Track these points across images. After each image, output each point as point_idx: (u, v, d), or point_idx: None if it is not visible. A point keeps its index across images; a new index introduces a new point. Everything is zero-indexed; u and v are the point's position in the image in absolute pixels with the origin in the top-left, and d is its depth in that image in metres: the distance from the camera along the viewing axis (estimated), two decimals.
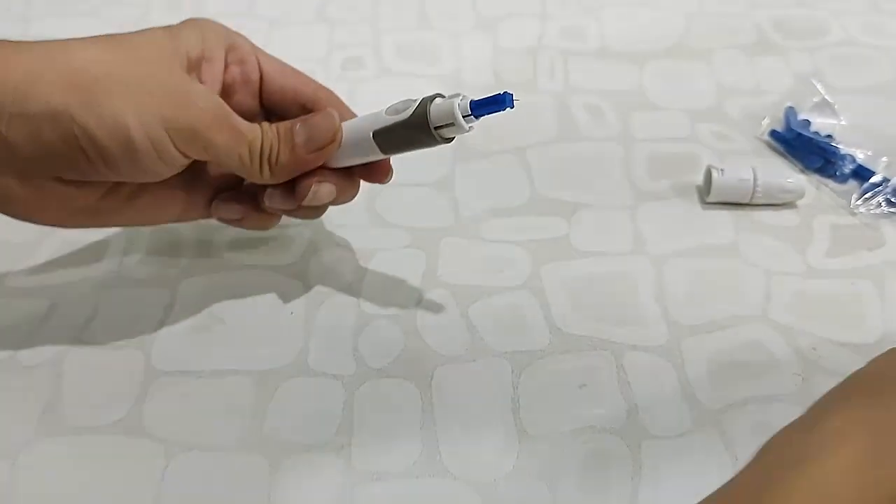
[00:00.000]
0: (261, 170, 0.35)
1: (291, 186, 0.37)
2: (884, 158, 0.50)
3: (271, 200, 0.38)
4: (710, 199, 0.48)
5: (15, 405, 0.39)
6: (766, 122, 0.53)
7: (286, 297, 0.44)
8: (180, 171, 0.34)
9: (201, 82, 0.36)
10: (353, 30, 0.63)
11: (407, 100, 0.34)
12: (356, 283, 0.44)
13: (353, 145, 0.36)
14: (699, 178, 0.50)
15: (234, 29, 0.39)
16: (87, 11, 0.65)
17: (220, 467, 0.37)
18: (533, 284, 0.44)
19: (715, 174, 0.47)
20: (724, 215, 0.48)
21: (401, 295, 0.43)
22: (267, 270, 0.45)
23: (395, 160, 0.38)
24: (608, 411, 0.38)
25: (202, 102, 0.32)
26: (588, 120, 0.55)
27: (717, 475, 0.36)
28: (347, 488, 0.36)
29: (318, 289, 0.44)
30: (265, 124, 0.35)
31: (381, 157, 0.36)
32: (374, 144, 0.35)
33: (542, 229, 0.47)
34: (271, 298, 0.44)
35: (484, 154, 0.52)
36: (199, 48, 0.36)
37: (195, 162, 0.35)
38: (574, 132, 0.54)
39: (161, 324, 0.42)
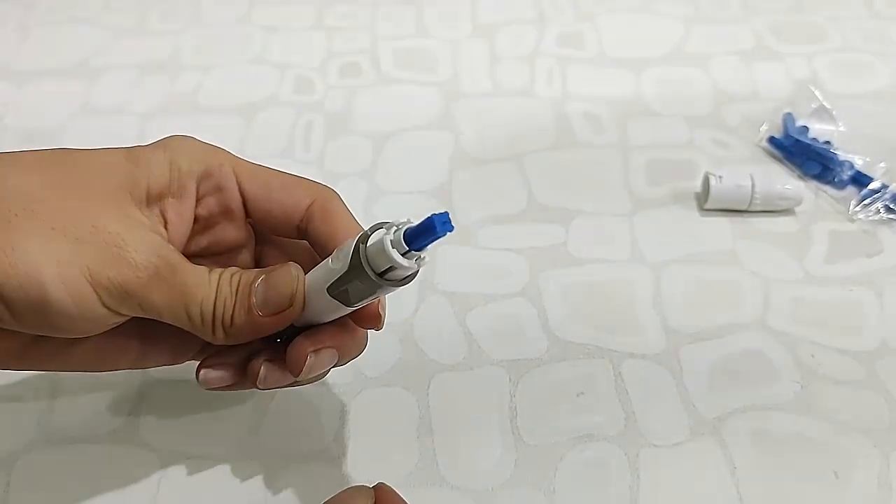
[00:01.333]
0: (213, 332, 0.29)
1: (282, 356, 0.31)
2: (882, 164, 0.50)
3: (265, 383, 0.32)
4: (709, 205, 0.48)
5: (10, 415, 0.39)
6: (764, 128, 0.53)
7: None
8: (117, 325, 0.29)
9: (165, 220, 0.30)
10: (352, 37, 0.63)
11: (349, 241, 0.28)
12: None
13: (317, 303, 0.30)
14: (697, 185, 0.50)
15: (233, 37, 0.35)
16: (87, 18, 0.65)
17: (216, 476, 0.37)
18: (530, 292, 0.44)
19: (713, 181, 0.47)
20: (723, 222, 0.48)
21: (398, 303, 0.43)
22: None
23: (391, 169, 0.37)
24: (606, 419, 0.38)
25: (140, 255, 0.27)
26: (586, 127, 0.55)
27: (716, 483, 0.36)
28: None
29: None
30: (225, 276, 0.30)
31: (352, 310, 0.30)
32: (335, 301, 0.29)
33: (539, 237, 0.47)
34: None
35: (481, 161, 0.52)
36: (164, 180, 0.30)
37: None
38: (572, 139, 0.54)
39: None
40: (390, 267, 0.26)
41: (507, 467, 0.37)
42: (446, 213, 0.26)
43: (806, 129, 0.53)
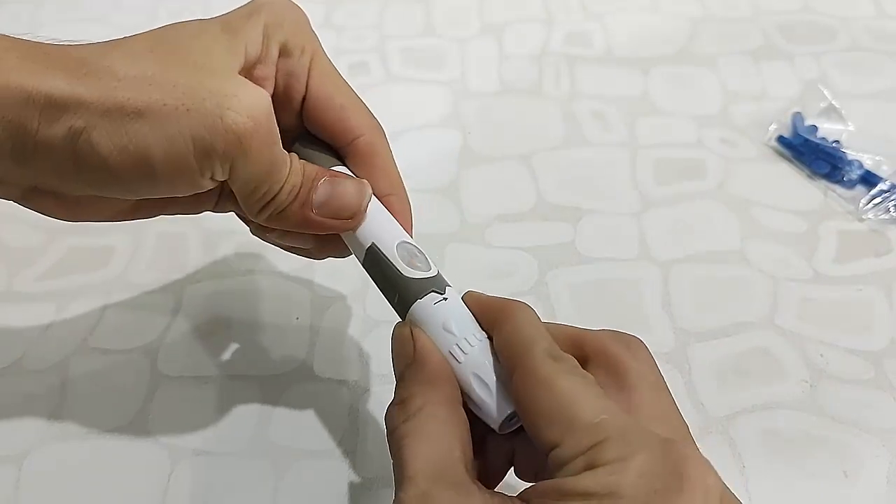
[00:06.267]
0: (262, 210, 0.30)
1: None
2: (891, 164, 0.50)
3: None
4: None
5: (21, 410, 0.39)
6: (772, 127, 0.53)
7: (292, 303, 0.44)
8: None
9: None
10: (360, 35, 0.63)
11: (424, 258, 0.31)
12: (362, 288, 0.44)
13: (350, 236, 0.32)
14: (705, 184, 0.50)
15: None
16: (96, 17, 0.65)
17: (226, 472, 0.37)
18: (539, 290, 0.44)
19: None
20: (732, 221, 0.48)
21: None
22: (272, 276, 0.45)
23: (399, 167, 0.37)
24: None
25: (247, 121, 0.27)
26: (594, 126, 0.55)
27: (725, 482, 0.36)
28: (353, 494, 0.36)
29: (324, 294, 0.44)
30: (296, 161, 0.30)
31: (352, 256, 0.32)
32: (363, 251, 0.31)
33: (548, 235, 0.47)
34: (277, 304, 0.44)
35: (490, 160, 0.52)
36: (258, 48, 0.31)
37: None
38: (580, 138, 0.54)
39: (167, 329, 0.42)
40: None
41: None
42: None
43: (815, 128, 0.53)
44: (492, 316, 0.29)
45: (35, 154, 0.27)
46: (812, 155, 0.51)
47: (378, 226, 0.31)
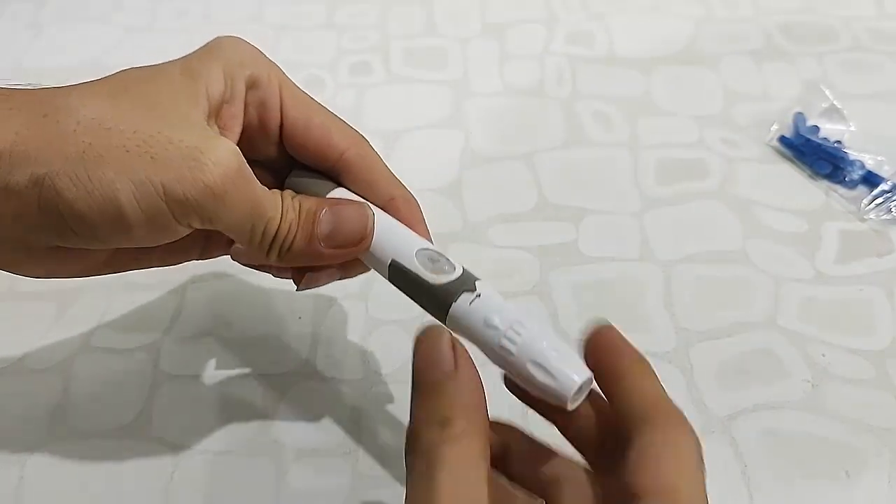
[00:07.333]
0: (269, 252, 0.30)
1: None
2: (892, 164, 0.50)
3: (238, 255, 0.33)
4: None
5: (23, 409, 0.39)
6: (774, 127, 0.53)
7: (294, 302, 0.44)
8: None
9: (221, 129, 0.31)
10: (362, 35, 0.63)
11: (446, 259, 0.31)
12: (364, 288, 0.44)
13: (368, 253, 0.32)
14: (707, 184, 0.50)
15: (244, 35, 0.35)
16: (97, 17, 0.65)
17: (228, 471, 0.37)
18: (541, 290, 0.44)
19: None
20: (733, 221, 0.48)
21: (409, 300, 0.43)
22: None
23: (401, 167, 0.37)
24: None
25: (217, 168, 0.27)
26: (595, 126, 0.55)
27: (727, 482, 0.36)
28: (355, 493, 0.36)
29: (326, 294, 0.44)
30: (288, 198, 0.30)
31: (378, 274, 0.32)
32: (385, 269, 0.31)
33: (549, 235, 0.47)
34: (279, 303, 0.44)
35: (491, 159, 0.52)
36: (220, 88, 0.30)
37: None
38: (582, 138, 0.54)
39: (169, 328, 0.43)
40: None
41: None
42: None
43: (816, 128, 0.53)
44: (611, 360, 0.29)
45: None
46: (814, 155, 0.51)
47: (392, 240, 0.31)
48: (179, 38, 0.61)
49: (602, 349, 0.29)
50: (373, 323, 0.43)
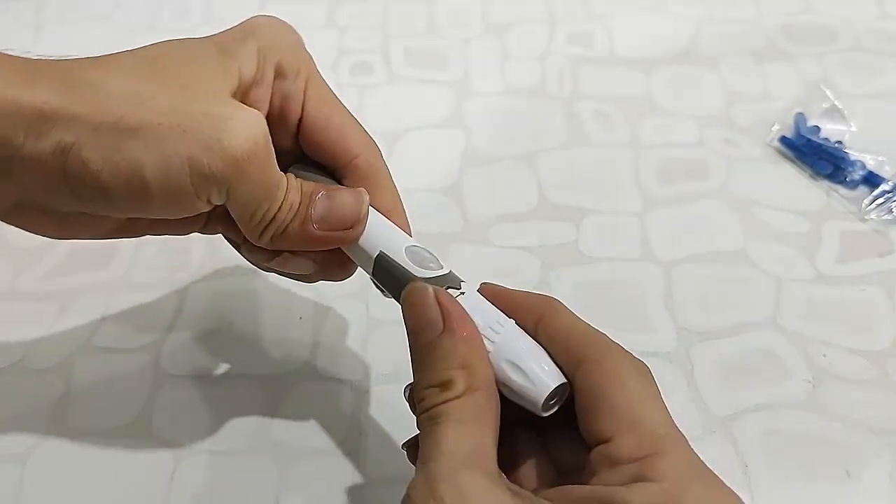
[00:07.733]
0: (261, 233, 0.30)
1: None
2: (893, 165, 0.50)
3: (251, 253, 0.33)
4: None
5: (24, 409, 0.39)
6: (775, 128, 0.53)
7: (295, 302, 0.44)
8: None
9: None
10: (363, 35, 0.63)
11: (434, 258, 0.31)
12: (365, 288, 0.44)
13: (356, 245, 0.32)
14: (708, 185, 0.50)
15: None
16: (98, 17, 0.65)
17: (229, 471, 0.37)
18: (542, 290, 0.44)
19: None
20: (734, 221, 0.48)
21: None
22: (275, 275, 0.45)
23: (402, 167, 0.37)
24: None
25: (243, 142, 0.27)
26: (596, 126, 0.55)
27: (727, 482, 0.36)
28: (355, 493, 0.36)
29: (327, 293, 0.44)
30: (292, 180, 0.30)
31: (362, 270, 0.32)
32: (371, 262, 0.31)
33: (550, 235, 0.47)
34: (280, 303, 0.44)
35: (492, 159, 0.52)
36: (254, 69, 0.30)
37: None
38: (582, 138, 0.54)
39: (170, 328, 0.43)
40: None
41: None
42: None
43: (817, 128, 0.53)
44: (526, 307, 0.29)
45: (21, 169, 0.26)
46: (815, 155, 0.51)
47: (383, 234, 0.31)
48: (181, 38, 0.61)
49: (501, 298, 0.30)
50: (373, 323, 0.43)
